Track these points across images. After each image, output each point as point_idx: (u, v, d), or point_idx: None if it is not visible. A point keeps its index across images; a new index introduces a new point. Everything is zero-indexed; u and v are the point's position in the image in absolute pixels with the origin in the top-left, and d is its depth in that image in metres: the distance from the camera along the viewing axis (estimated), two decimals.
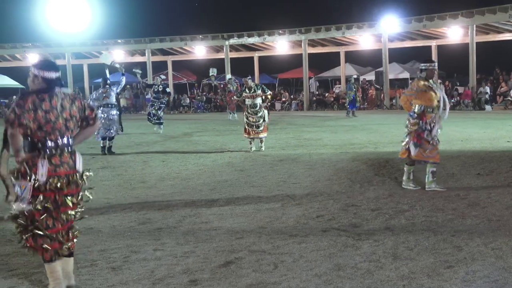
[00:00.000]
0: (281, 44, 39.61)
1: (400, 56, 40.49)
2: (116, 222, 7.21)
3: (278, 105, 38.76)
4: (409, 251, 5.50)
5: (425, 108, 8.62)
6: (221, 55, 40.91)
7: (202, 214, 7.53)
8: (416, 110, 8.64)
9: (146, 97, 33.96)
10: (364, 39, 37.59)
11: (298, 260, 5.35)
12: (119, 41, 42.20)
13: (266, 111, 14.83)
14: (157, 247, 5.96)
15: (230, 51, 39.84)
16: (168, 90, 22.38)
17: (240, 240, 6.14)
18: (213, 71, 24.40)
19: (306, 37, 37.27)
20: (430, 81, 8.77)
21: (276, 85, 45.66)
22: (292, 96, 40.65)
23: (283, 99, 39.62)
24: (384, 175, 10.04)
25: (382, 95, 35.51)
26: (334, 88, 40.70)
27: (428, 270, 4.96)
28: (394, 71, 38.28)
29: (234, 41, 39.31)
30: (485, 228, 6.31)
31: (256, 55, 42.25)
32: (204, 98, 40.54)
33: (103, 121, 14.00)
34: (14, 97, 43.94)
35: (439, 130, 8.66)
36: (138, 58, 43.32)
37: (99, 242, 6.26)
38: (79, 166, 4.73)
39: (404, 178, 8.88)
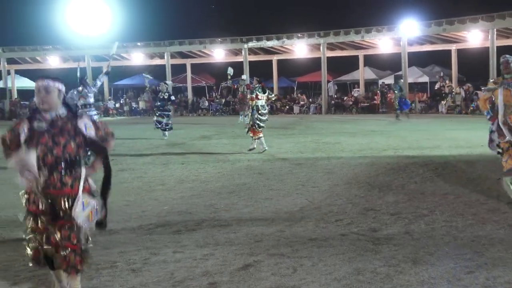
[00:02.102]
0: (299, 48, 39.58)
1: (419, 60, 40.32)
2: (136, 224, 7.25)
3: (296, 109, 38.73)
4: (429, 256, 5.48)
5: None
6: (239, 58, 40.95)
7: (221, 217, 7.55)
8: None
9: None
10: (383, 43, 37.46)
11: (317, 264, 5.34)
12: (139, 44, 42.43)
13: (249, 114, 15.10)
14: (176, 249, 5.98)
15: (249, 54, 39.89)
16: (173, 98, 21.35)
17: (259, 243, 6.15)
18: (230, 70, 24.35)
19: (325, 40, 37.20)
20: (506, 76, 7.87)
21: (295, 89, 45.62)
22: (310, 100, 40.60)
23: (301, 102, 39.57)
24: (404, 179, 9.99)
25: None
26: (352, 92, 40.58)
27: (448, 275, 4.93)
28: (413, 75, 38.09)
29: (253, 44, 39.35)
30: (506, 234, 6.26)
31: (274, 58, 42.25)
32: (223, 101, 40.62)
33: None
34: (35, 99, 44.38)
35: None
36: (157, 61, 43.52)
37: (119, 244, 6.29)
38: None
39: None
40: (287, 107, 39.56)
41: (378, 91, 37.32)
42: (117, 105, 43.92)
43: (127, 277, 5.16)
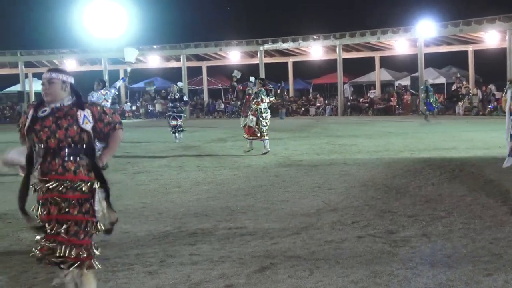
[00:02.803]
0: (315, 49, 39.55)
1: (436, 61, 40.10)
2: (152, 226, 7.26)
3: (312, 110, 38.70)
4: (446, 259, 5.43)
5: None
6: (255, 61, 40.99)
7: (237, 219, 7.54)
8: None
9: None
10: (399, 44, 37.32)
11: (334, 266, 5.32)
12: (155, 46, 42.61)
13: (254, 117, 15.10)
14: (192, 251, 5.99)
15: (265, 56, 39.90)
16: (185, 98, 21.05)
17: (275, 245, 6.13)
18: (236, 73, 24.50)
19: (341, 42, 37.14)
20: None
21: (310, 90, 45.56)
22: (326, 101, 40.53)
23: (317, 104, 39.53)
24: (421, 181, 9.93)
25: (418, 101, 35.17)
26: (368, 93, 40.46)
27: (467, 278, 4.89)
28: (430, 76, 37.83)
29: (268, 46, 39.37)
30: None
31: (290, 60, 42.25)
32: (239, 103, 40.62)
33: None
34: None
35: None
36: (173, 64, 43.69)
37: (135, 246, 6.31)
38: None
39: None
40: (303, 109, 39.53)
41: (395, 93, 37.17)
42: (133, 107, 44.13)
43: (144, 279, 5.16)
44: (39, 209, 4.39)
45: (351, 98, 40.44)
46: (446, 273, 5.03)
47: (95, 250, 4.47)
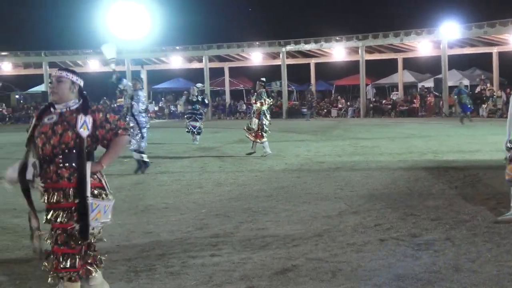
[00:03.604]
0: (338, 51, 39.39)
1: (459, 63, 39.76)
2: (174, 227, 7.28)
3: (334, 112, 38.58)
4: (471, 263, 5.37)
5: None
6: (277, 62, 40.93)
7: (259, 220, 7.53)
8: None
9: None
10: (422, 46, 37.03)
11: (356, 269, 5.29)
12: (177, 47, 42.76)
13: (256, 119, 15.03)
14: (214, 252, 5.99)
15: (287, 57, 39.83)
16: (206, 101, 20.96)
17: (297, 247, 6.11)
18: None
19: (364, 43, 36.96)
20: None
21: (333, 92, 45.43)
22: (348, 103, 40.36)
23: (340, 105, 39.40)
24: (444, 183, 9.84)
25: (441, 103, 34.89)
26: (391, 95, 40.22)
27: (491, 282, 4.83)
28: (454, 78, 37.54)
29: (291, 47, 39.30)
30: None
31: (312, 61, 42.13)
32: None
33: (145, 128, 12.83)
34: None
35: None
36: (196, 65, 43.79)
37: (157, 246, 6.33)
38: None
39: None
40: (325, 110, 39.43)
41: (417, 94, 36.91)
42: (156, 108, 44.35)
43: (166, 280, 5.18)
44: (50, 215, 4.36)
45: (374, 99, 40.22)
46: (470, 277, 4.97)
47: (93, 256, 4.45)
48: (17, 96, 48.20)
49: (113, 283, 5.08)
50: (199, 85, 21.89)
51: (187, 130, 19.72)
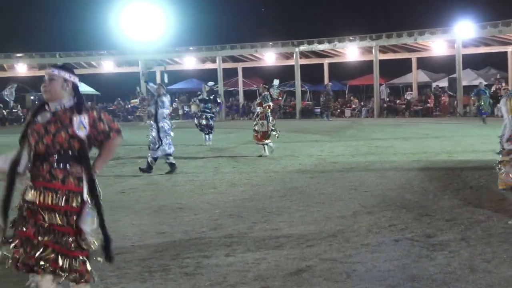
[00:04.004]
0: (351, 51, 39.31)
1: (474, 62, 39.55)
2: (188, 227, 7.29)
3: (348, 112, 38.50)
4: (486, 264, 5.33)
5: None
6: (291, 62, 40.92)
7: (273, 221, 7.52)
8: None
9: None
10: (437, 45, 36.87)
11: (371, 270, 5.27)
12: (191, 48, 42.87)
13: (263, 121, 15.15)
14: (228, 253, 5.99)
15: (300, 57, 39.81)
16: (219, 100, 20.79)
17: (311, 248, 6.10)
18: (276, 82, 24.46)
19: (377, 43, 36.85)
20: None
21: (346, 92, 45.33)
22: (362, 103, 40.26)
23: (353, 106, 39.31)
24: (459, 184, 9.79)
25: (456, 102, 34.71)
26: (405, 95, 40.07)
27: (507, 283, 4.79)
28: (468, 78, 37.35)
29: (304, 47, 39.27)
30: None
31: (326, 61, 42.08)
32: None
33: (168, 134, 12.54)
34: (89, 103, 45.47)
35: None
36: (209, 65, 43.87)
37: (171, 246, 6.34)
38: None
39: None
40: (339, 110, 39.35)
41: (432, 94, 36.74)
42: (171, 109, 44.46)
43: (180, 280, 5.18)
44: (23, 213, 4.14)
45: (388, 99, 40.10)
46: (485, 278, 4.94)
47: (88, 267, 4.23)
48: (32, 97, 48.46)
49: (127, 283, 5.11)
50: (210, 83, 21.88)
51: (199, 129, 19.72)
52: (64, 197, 4.11)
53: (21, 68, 44.64)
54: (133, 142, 20.84)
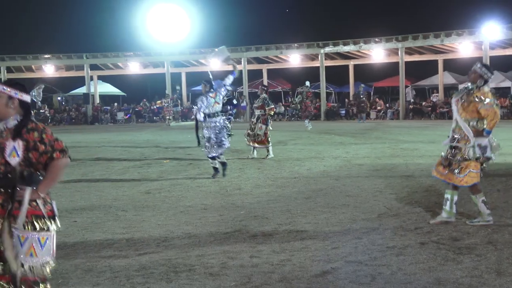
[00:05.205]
0: (377, 52, 39.13)
1: (501, 64, 39.07)
2: (213, 228, 7.32)
3: (373, 114, 38.30)
4: None
5: None
6: (316, 63, 40.85)
7: (298, 222, 7.52)
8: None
9: (242, 104, 33.86)
10: (463, 47, 36.53)
11: (397, 273, 5.24)
12: (216, 49, 42.96)
13: (262, 125, 15.23)
14: (253, 254, 6.00)
15: (325, 59, 39.72)
16: (235, 102, 20.60)
17: (336, 250, 6.09)
18: (307, 84, 24.51)
19: (403, 45, 36.63)
20: None
21: (371, 94, 45.11)
22: (387, 105, 40.04)
23: (379, 108, 39.09)
24: (486, 187, 9.64)
25: None
26: (431, 97, 39.74)
27: None
28: (495, 80, 36.91)
29: (329, 49, 39.18)
30: None
31: (351, 63, 41.94)
32: (299, 106, 40.60)
33: (217, 133, 12.10)
34: (116, 104, 45.88)
35: None
36: None
37: (196, 247, 6.37)
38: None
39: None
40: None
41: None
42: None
43: (205, 281, 5.20)
44: None
45: (413, 101, 39.82)
46: None
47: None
48: (59, 98, 49.12)
49: (153, 283, 5.14)
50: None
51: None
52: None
53: (49, 69, 45.16)
54: (158, 143, 20.98)
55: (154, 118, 41.82)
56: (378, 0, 59.27)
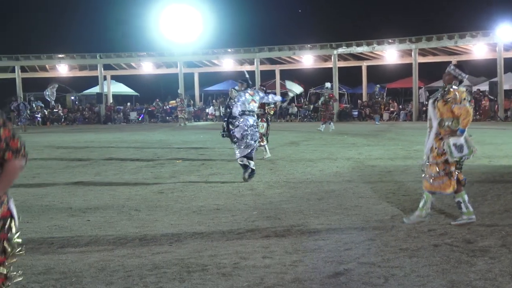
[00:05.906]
0: (390, 53, 39.04)
1: None
2: (226, 228, 7.33)
3: (386, 115, 38.19)
4: None
5: None
6: (329, 64, 40.81)
7: (310, 223, 7.51)
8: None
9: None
10: (477, 48, 36.38)
11: (410, 275, 5.22)
12: (229, 50, 43.07)
13: (263, 123, 15.27)
14: (265, 254, 6.00)
15: (338, 60, 39.68)
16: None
17: (348, 251, 6.07)
18: (328, 85, 24.23)
19: (417, 46, 36.52)
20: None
21: (384, 95, 44.98)
22: (400, 106, 39.92)
23: (392, 109, 38.98)
24: (499, 189, 9.63)
25: (496, 107, 34.16)
26: None
27: None
28: (510, 82, 36.73)
29: (342, 50, 39.13)
30: None
31: (364, 64, 41.88)
32: (311, 107, 40.57)
33: (246, 133, 11.65)
34: (129, 103, 46.06)
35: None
36: (247, 67, 43.94)
37: (209, 247, 6.38)
38: None
39: None
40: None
41: (472, 98, 36.22)
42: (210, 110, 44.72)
43: (217, 281, 5.21)
44: None
45: (426, 103, 39.61)
46: None
47: None
48: (72, 98, 49.38)
49: (166, 283, 5.15)
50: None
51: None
52: None
53: (63, 69, 45.45)
54: (170, 143, 21.04)
55: (167, 118, 41.95)
56: (391, 1, 59.10)
